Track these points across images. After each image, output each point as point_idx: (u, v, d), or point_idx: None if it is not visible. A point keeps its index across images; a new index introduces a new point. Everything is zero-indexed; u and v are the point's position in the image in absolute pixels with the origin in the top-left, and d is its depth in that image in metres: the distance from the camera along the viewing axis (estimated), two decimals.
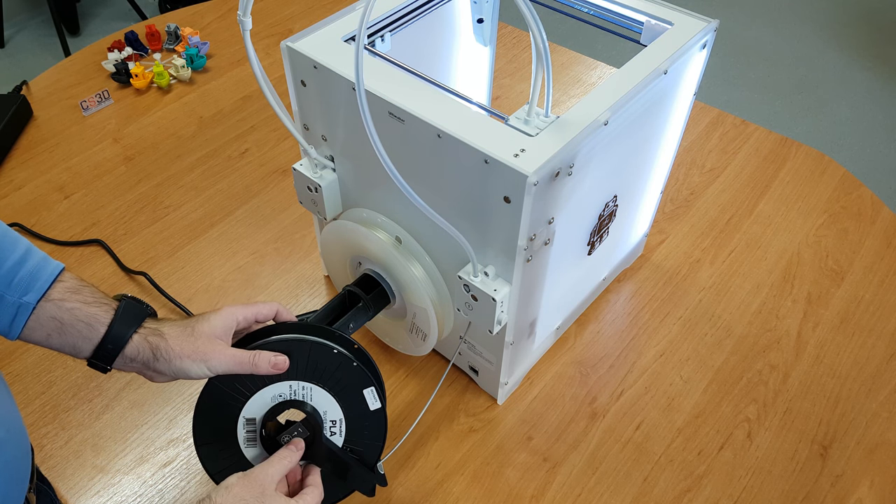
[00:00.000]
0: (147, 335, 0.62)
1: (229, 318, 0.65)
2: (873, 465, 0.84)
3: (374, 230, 0.80)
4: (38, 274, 0.60)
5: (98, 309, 0.61)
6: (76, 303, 0.60)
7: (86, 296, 0.61)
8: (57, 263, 0.61)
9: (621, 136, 0.75)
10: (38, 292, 0.59)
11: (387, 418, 0.69)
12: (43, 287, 0.59)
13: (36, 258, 0.60)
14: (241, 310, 0.67)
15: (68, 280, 0.61)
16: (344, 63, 0.72)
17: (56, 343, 0.60)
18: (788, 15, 2.99)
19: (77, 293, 0.61)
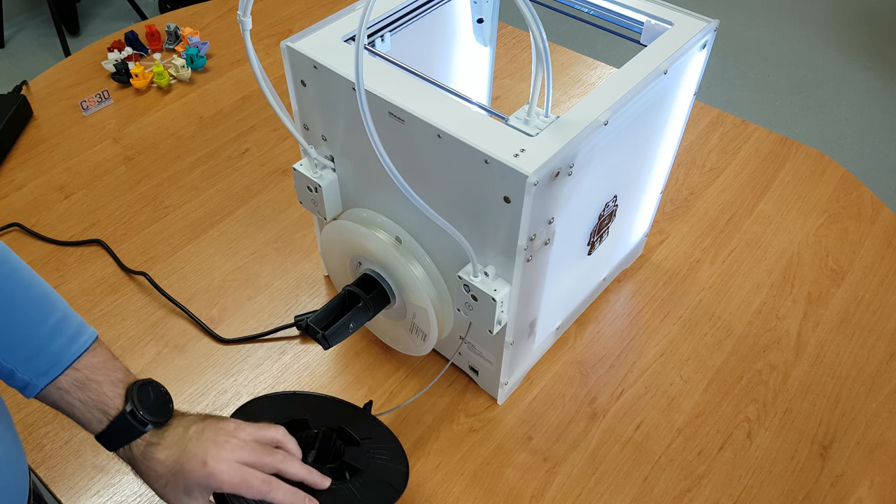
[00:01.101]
0: (129, 457, 0.63)
1: (204, 487, 0.62)
2: (873, 465, 0.84)
3: (374, 230, 0.80)
4: (57, 359, 0.60)
5: (92, 416, 0.62)
6: (76, 400, 0.61)
7: (89, 395, 0.62)
8: (81, 343, 0.62)
9: (621, 136, 0.75)
10: (49, 378, 0.60)
11: None
12: (55, 375, 0.60)
13: (64, 335, 0.61)
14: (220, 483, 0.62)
15: (82, 369, 0.62)
16: (344, 63, 0.72)
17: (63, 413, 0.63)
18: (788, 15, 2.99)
19: (83, 389, 0.61)
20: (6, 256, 0.59)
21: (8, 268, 0.59)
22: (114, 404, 0.62)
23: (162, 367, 0.93)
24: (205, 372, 0.92)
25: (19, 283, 0.60)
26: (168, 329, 0.97)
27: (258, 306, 1.00)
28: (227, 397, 0.90)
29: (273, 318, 0.98)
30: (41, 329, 0.60)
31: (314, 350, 0.95)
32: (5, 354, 0.59)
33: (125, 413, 0.62)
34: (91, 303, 1.00)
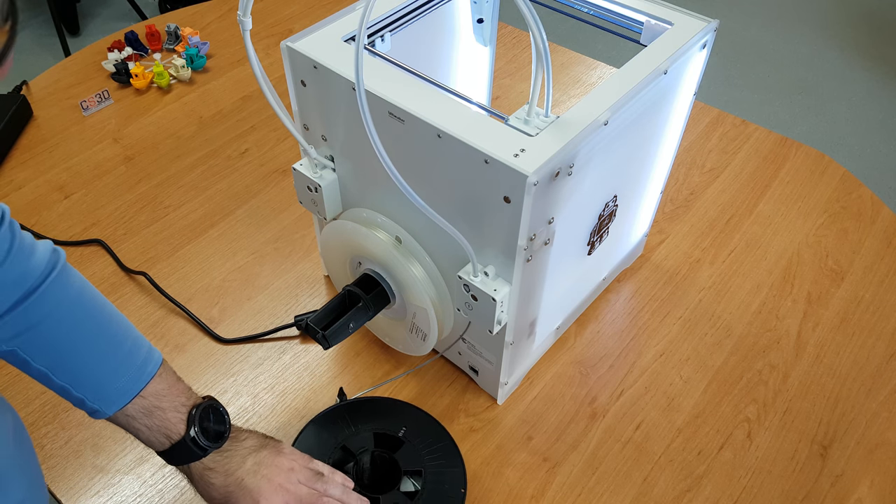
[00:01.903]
0: (192, 473, 0.66)
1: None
2: (873, 465, 0.84)
3: (374, 230, 0.80)
4: (126, 391, 0.62)
5: (155, 439, 0.64)
6: (142, 426, 0.63)
7: (154, 420, 0.64)
8: (148, 371, 0.64)
9: (621, 136, 0.75)
10: (117, 406, 0.62)
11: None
12: (123, 403, 0.62)
13: (132, 365, 0.63)
14: None
15: (148, 397, 0.63)
16: (344, 63, 0.72)
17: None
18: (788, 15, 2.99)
19: (148, 416, 0.63)
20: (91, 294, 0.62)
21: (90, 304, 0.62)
22: (176, 430, 0.65)
23: None
24: (205, 372, 0.92)
25: (99, 318, 0.62)
26: (168, 329, 0.97)
27: (258, 306, 1.00)
28: (227, 397, 0.90)
29: (273, 318, 0.98)
30: (114, 361, 0.62)
31: (314, 350, 0.95)
32: (78, 386, 0.61)
33: (186, 440, 0.64)
34: None
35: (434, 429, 0.79)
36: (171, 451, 0.65)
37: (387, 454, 0.76)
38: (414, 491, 0.73)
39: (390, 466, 0.76)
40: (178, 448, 0.65)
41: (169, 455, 0.65)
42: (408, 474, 0.75)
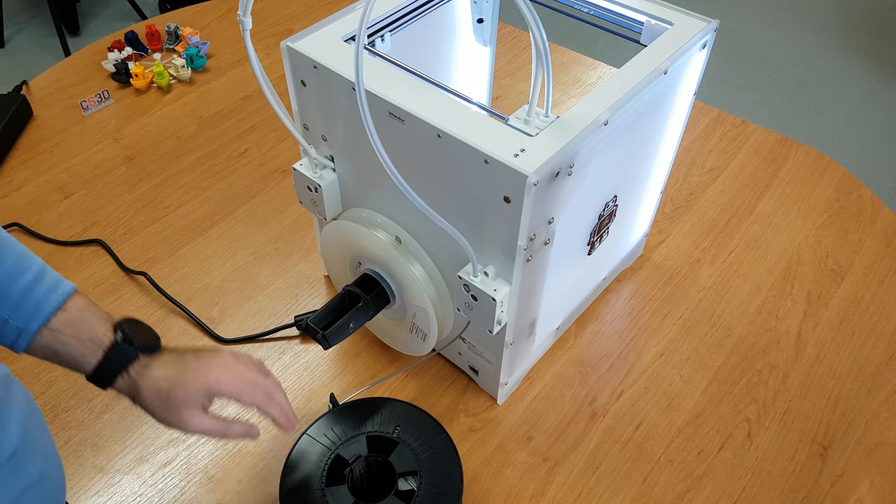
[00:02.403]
0: (128, 384, 0.64)
1: (207, 393, 0.65)
2: (873, 465, 0.84)
3: (373, 230, 0.80)
4: (44, 301, 0.61)
5: (88, 349, 0.63)
6: (70, 338, 0.62)
7: (81, 331, 0.63)
8: (64, 288, 0.63)
9: (621, 136, 0.75)
10: (41, 319, 0.61)
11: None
12: (46, 315, 0.61)
13: (46, 282, 0.62)
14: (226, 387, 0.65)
15: (70, 310, 0.62)
16: (344, 63, 0.72)
17: (54, 362, 0.63)
18: (788, 15, 2.99)
19: (74, 326, 0.62)
20: None
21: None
22: (107, 336, 0.63)
23: None
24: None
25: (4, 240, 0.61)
26: (168, 329, 0.97)
27: (258, 306, 1.00)
28: None
29: (273, 318, 0.98)
30: (25, 278, 0.61)
31: (314, 350, 0.95)
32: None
33: (118, 342, 0.63)
34: None
35: (428, 425, 0.79)
36: (105, 362, 0.63)
37: (381, 458, 0.76)
38: (411, 490, 0.73)
39: (385, 470, 0.76)
40: (111, 354, 0.63)
41: (104, 370, 0.63)
42: (403, 475, 0.75)
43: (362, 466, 0.76)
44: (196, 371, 0.64)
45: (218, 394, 0.65)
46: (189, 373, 0.64)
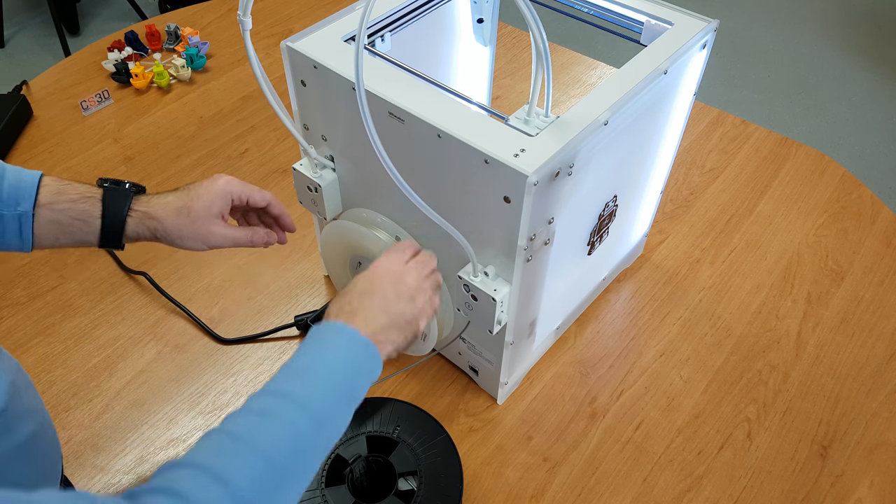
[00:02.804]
0: (141, 219, 0.66)
1: (225, 197, 0.69)
2: (873, 465, 0.84)
3: (373, 230, 0.80)
4: (21, 184, 0.62)
5: (86, 204, 0.64)
6: (66, 203, 0.64)
7: (71, 194, 0.64)
8: (34, 172, 0.64)
9: (621, 136, 0.75)
10: (29, 200, 0.62)
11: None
12: (31, 194, 0.62)
13: (13, 172, 0.63)
14: (235, 188, 0.70)
15: (50, 184, 0.64)
16: (344, 63, 0.72)
17: (67, 242, 0.64)
18: (788, 15, 2.99)
19: (62, 194, 0.64)
20: None
21: None
22: (95, 189, 0.65)
23: (162, 367, 0.93)
24: (205, 372, 0.92)
25: None
26: (168, 329, 0.97)
27: (258, 306, 1.00)
28: (227, 397, 0.90)
29: (273, 318, 0.98)
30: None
31: None
32: None
33: (107, 187, 0.66)
34: (91, 303, 1.00)
35: (429, 425, 0.79)
36: (106, 208, 0.64)
37: (381, 458, 0.76)
38: (410, 490, 0.73)
39: (386, 470, 0.76)
40: (108, 198, 0.64)
41: (110, 217, 0.64)
42: (403, 475, 0.75)
43: (362, 466, 0.76)
44: (204, 186, 0.68)
45: (233, 195, 0.69)
46: (199, 188, 0.68)
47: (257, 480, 0.48)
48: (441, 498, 0.73)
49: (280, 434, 0.51)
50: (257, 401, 0.53)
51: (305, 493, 0.72)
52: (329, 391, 0.55)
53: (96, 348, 0.95)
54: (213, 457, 0.48)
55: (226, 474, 0.47)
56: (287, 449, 0.51)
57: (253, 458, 0.49)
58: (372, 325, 0.60)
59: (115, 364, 0.93)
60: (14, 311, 0.99)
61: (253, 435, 0.50)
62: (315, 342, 0.58)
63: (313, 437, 0.53)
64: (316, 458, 0.54)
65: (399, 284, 0.64)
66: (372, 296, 0.62)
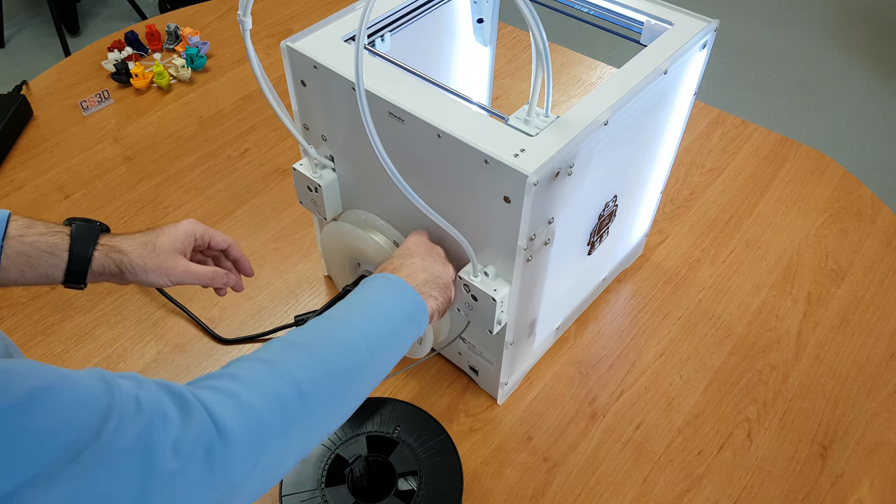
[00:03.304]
0: (108, 252, 0.68)
1: (188, 234, 0.73)
2: (873, 465, 0.84)
3: (371, 233, 0.80)
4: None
5: (55, 238, 0.66)
6: (34, 236, 0.66)
7: (40, 229, 0.67)
8: (2, 211, 0.66)
9: (621, 136, 0.75)
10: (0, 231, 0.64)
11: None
12: (2, 226, 0.64)
13: None
14: (199, 229, 0.74)
15: (19, 219, 0.66)
16: (344, 63, 0.72)
17: (31, 277, 0.66)
18: (788, 15, 2.99)
19: (31, 227, 0.66)
20: None
21: None
22: (63, 227, 0.68)
23: (162, 367, 0.93)
24: (204, 372, 0.92)
25: None
26: (168, 329, 0.97)
27: (258, 306, 1.00)
28: None
29: (273, 318, 0.98)
30: None
31: None
32: None
33: (76, 221, 0.68)
34: (91, 303, 1.00)
35: (429, 425, 0.79)
36: (74, 242, 0.66)
37: (381, 458, 0.76)
38: (410, 490, 0.73)
39: (386, 470, 0.76)
40: (77, 233, 0.67)
41: (77, 251, 0.66)
42: (403, 475, 0.75)
43: (362, 466, 0.76)
44: (169, 226, 0.72)
45: (196, 235, 0.73)
46: (165, 227, 0.72)
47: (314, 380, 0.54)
48: (441, 498, 0.73)
49: (337, 347, 0.57)
50: (318, 322, 0.60)
51: (305, 493, 0.72)
52: (378, 321, 0.62)
53: (96, 348, 0.95)
54: (279, 355, 0.55)
55: (287, 370, 0.53)
56: (342, 360, 0.57)
57: (312, 360, 0.55)
58: (414, 280, 0.67)
59: (115, 364, 0.93)
60: (14, 311, 0.99)
61: (314, 344, 0.57)
62: (363, 287, 0.65)
63: (365, 357, 0.59)
64: (366, 378, 0.60)
65: (432, 253, 0.72)
66: (411, 256, 0.70)
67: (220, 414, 0.47)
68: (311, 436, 0.54)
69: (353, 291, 0.65)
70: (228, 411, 0.47)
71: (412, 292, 0.65)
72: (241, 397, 0.49)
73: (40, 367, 0.42)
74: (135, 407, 0.43)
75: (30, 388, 0.39)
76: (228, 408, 0.47)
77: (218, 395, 0.48)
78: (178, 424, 0.44)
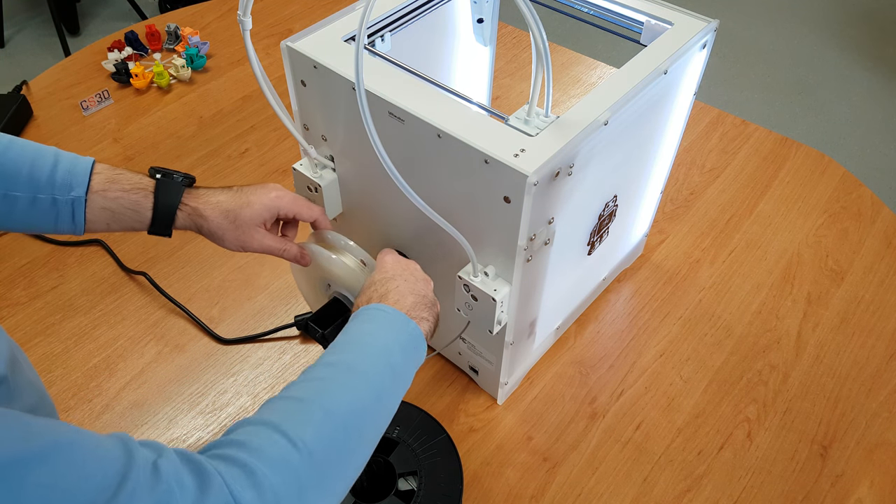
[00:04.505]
0: (191, 214, 0.69)
1: (272, 210, 0.72)
2: (873, 465, 0.84)
3: (338, 254, 0.76)
4: (75, 171, 0.65)
5: (138, 195, 0.67)
6: (118, 192, 0.66)
7: (123, 184, 0.67)
8: (87, 159, 0.67)
9: (621, 136, 0.75)
10: (82, 186, 0.65)
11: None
12: (84, 181, 0.65)
13: (67, 159, 0.66)
14: (285, 205, 0.73)
15: (103, 171, 0.67)
16: (344, 63, 0.72)
17: (117, 227, 0.67)
18: (788, 15, 2.99)
19: (115, 182, 0.67)
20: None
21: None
22: (147, 181, 0.68)
23: (162, 366, 0.93)
24: (205, 372, 0.92)
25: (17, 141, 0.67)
26: (168, 329, 0.97)
27: (258, 306, 1.00)
28: (227, 397, 0.90)
29: (273, 318, 0.98)
30: (47, 160, 0.65)
31: (314, 350, 0.95)
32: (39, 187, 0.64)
33: (160, 178, 0.68)
34: (91, 303, 1.00)
35: (428, 425, 0.79)
36: (158, 200, 0.67)
37: (381, 458, 0.76)
38: (411, 490, 0.73)
39: (386, 470, 0.76)
40: (160, 191, 0.67)
41: (161, 208, 0.67)
42: (403, 476, 0.75)
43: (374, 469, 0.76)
44: (257, 193, 0.71)
45: (281, 210, 0.72)
46: (252, 194, 0.71)
47: (323, 439, 0.51)
48: (441, 498, 0.73)
49: (340, 397, 0.55)
50: (315, 371, 0.57)
51: None
52: (377, 360, 0.59)
53: (96, 348, 0.95)
54: (283, 417, 0.51)
55: (293, 432, 0.50)
56: (347, 411, 0.54)
57: (316, 416, 0.52)
58: (404, 304, 0.64)
59: (115, 364, 0.93)
60: (14, 311, 0.99)
61: (316, 398, 0.54)
62: (355, 323, 0.62)
63: (370, 402, 0.56)
64: (374, 422, 0.57)
65: (410, 269, 0.69)
66: (394, 279, 0.66)
67: (238, 490, 0.46)
68: (329, 495, 0.52)
69: (345, 328, 0.62)
70: (244, 486, 0.46)
71: (406, 320, 0.62)
72: (254, 469, 0.47)
73: (61, 424, 0.41)
74: (153, 474, 0.43)
75: (49, 442, 0.39)
76: (243, 482, 0.46)
77: (230, 466, 0.47)
78: (195, 495, 0.44)
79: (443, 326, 0.84)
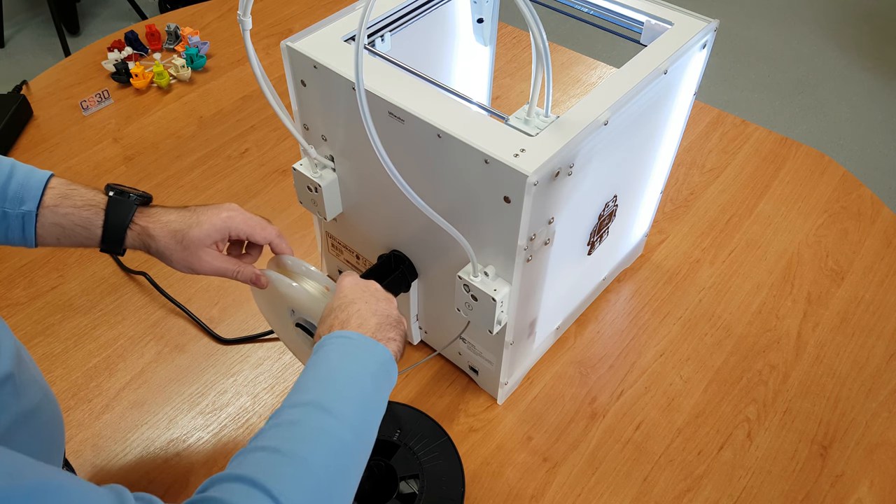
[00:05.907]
0: (140, 233, 0.67)
1: (223, 231, 0.69)
2: (873, 465, 0.84)
3: (299, 280, 0.73)
4: (29, 185, 0.64)
5: (89, 212, 0.66)
6: (69, 208, 0.65)
7: (76, 200, 0.66)
8: (44, 172, 0.65)
9: (621, 136, 0.75)
10: (33, 201, 0.64)
11: None
12: (36, 196, 0.64)
13: (23, 171, 0.64)
14: (236, 225, 0.69)
15: (57, 186, 0.65)
16: (344, 63, 0.72)
17: (68, 243, 0.66)
18: (788, 15, 2.99)
19: (67, 198, 0.65)
20: None
21: None
22: (100, 197, 0.67)
23: (162, 367, 0.93)
24: (205, 372, 0.92)
25: None
26: (168, 329, 0.97)
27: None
28: (227, 397, 0.90)
29: None
30: (4, 172, 0.64)
31: None
32: None
33: (113, 196, 0.67)
34: (91, 303, 1.00)
35: (430, 428, 0.79)
36: (108, 218, 0.65)
37: (383, 462, 0.76)
38: (412, 494, 0.73)
39: (387, 474, 0.76)
40: (111, 209, 0.65)
41: (111, 227, 0.65)
42: (405, 479, 0.75)
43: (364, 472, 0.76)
44: (208, 213, 0.68)
45: (232, 231, 0.69)
46: (201, 214, 0.68)
47: (304, 490, 0.49)
48: (443, 501, 0.73)
49: (315, 441, 0.52)
50: (283, 415, 0.54)
51: None
52: (348, 392, 0.56)
53: (96, 348, 0.95)
54: (259, 471, 0.49)
55: (274, 487, 0.47)
56: (325, 454, 0.52)
57: (295, 467, 0.50)
58: (368, 327, 0.62)
59: (115, 364, 0.93)
60: (14, 311, 0.99)
61: (291, 447, 0.51)
62: (319, 355, 0.59)
63: (347, 440, 0.54)
64: (355, 459, 0.55)
65: (370, 290, 0.67)
66: (354, 303, 0.64)
67: None
68: None
69: (310, 360, 0.59)
70: None
71: (372, 344, 0.60)
72: None
73: (54, 470, 0.41)
74: None
75: (36, 483, 0.38)
76: None
77: None
78: None
79: (443, 326, 0.84)
